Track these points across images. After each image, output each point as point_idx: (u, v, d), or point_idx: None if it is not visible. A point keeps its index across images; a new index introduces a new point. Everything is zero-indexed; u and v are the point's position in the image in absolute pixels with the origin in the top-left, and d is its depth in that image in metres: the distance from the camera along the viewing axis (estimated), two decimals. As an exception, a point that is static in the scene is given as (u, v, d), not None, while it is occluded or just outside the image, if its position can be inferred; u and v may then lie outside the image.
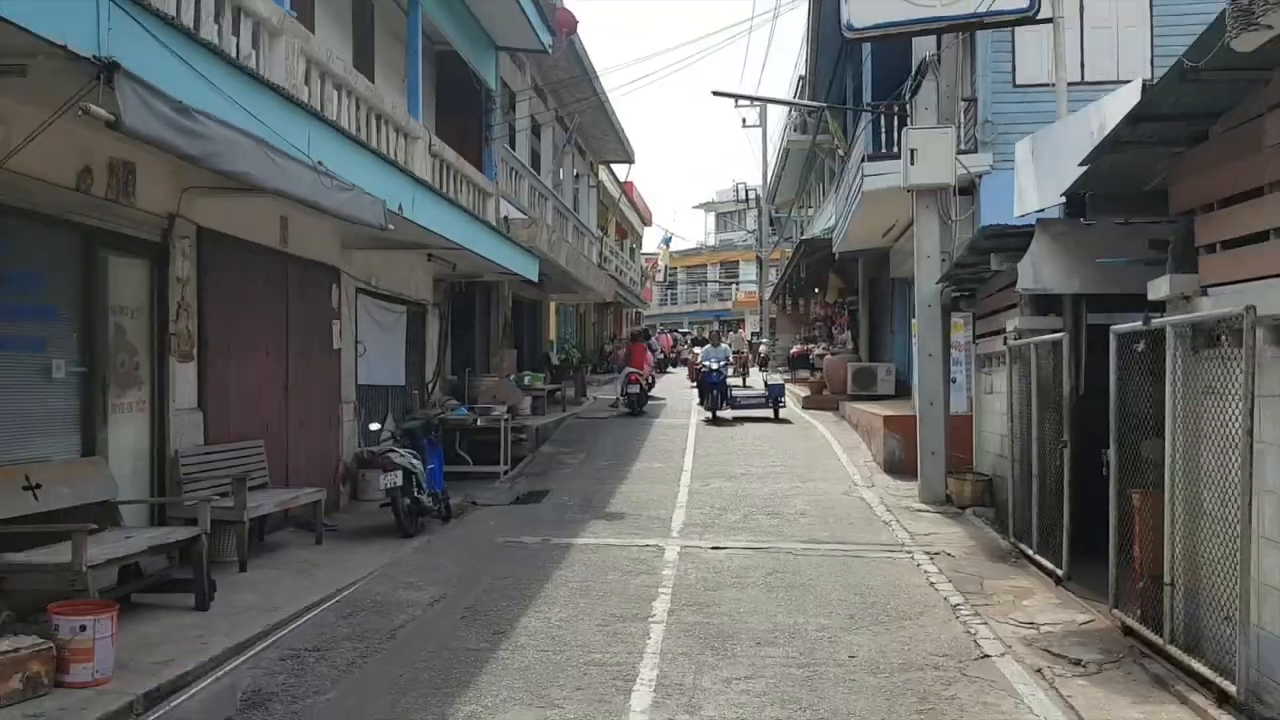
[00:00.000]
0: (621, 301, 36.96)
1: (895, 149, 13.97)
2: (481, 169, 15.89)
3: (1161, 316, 6.33)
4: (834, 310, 28.35)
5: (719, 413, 19.70)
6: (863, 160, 14.79)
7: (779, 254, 41.09)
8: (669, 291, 69.84)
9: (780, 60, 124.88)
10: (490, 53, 16.02)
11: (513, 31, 15.68)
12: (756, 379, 27.18)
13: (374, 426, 11.57)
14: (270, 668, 6.36)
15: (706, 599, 8.08)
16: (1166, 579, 6.21)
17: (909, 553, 9.86)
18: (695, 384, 21.78)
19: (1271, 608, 5.21)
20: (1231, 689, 5.35)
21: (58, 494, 6.79)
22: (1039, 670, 6.37)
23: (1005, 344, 10.19)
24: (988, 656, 6.69)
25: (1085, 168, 6.76)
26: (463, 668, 6.36)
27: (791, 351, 30.91)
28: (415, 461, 10.81)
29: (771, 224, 42.72)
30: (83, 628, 5.46)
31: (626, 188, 36.88)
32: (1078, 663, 6.50)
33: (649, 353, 25.93)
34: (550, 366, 23.56)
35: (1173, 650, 6.11)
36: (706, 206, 71.90)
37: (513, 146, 18.51)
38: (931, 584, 8.65)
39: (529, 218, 17.26)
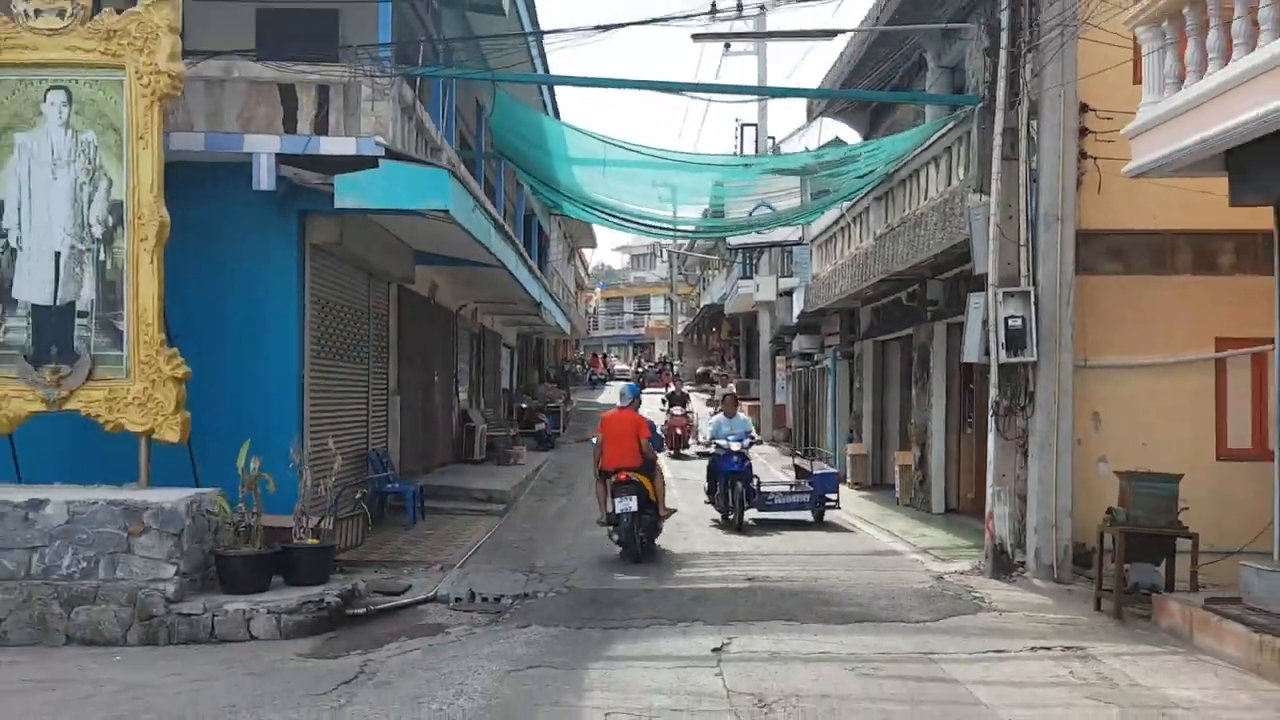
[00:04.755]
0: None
1: (751, 275, 29.37)
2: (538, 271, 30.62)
3: (816, 364, 21.68)
4: (725, 344, 43.98)
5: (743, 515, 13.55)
6: (738, 279, 30.18)
7: (687, 290, 57.10)
8: (590, 318, 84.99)
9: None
10: (549, 217, 30.84)
11: (561, 207, 30.54)
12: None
13: (523, 405, 26.28)
14: (550, 471, 20.98)
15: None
16: (817, 447, 21.54)
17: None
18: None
19: (840, 450, 20.48)
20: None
21: (478, 426, 21.40)
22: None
23: (791, 371, 25.56)
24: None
25: (798, 320, 22.08)
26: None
27: (697, 370, 46.49)
28: (546, 419, 25.54)
29: (682, 274, 58.34)
30: (525, 448, 20.16)
31: (579, 255, 51.82)
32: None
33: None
34: (551, 379, 38.32)
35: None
36: (623, 249, 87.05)
37: (546, 257, 33.28)
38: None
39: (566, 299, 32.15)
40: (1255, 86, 7.23)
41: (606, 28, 9.56)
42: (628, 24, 12.28)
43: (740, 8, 20.33)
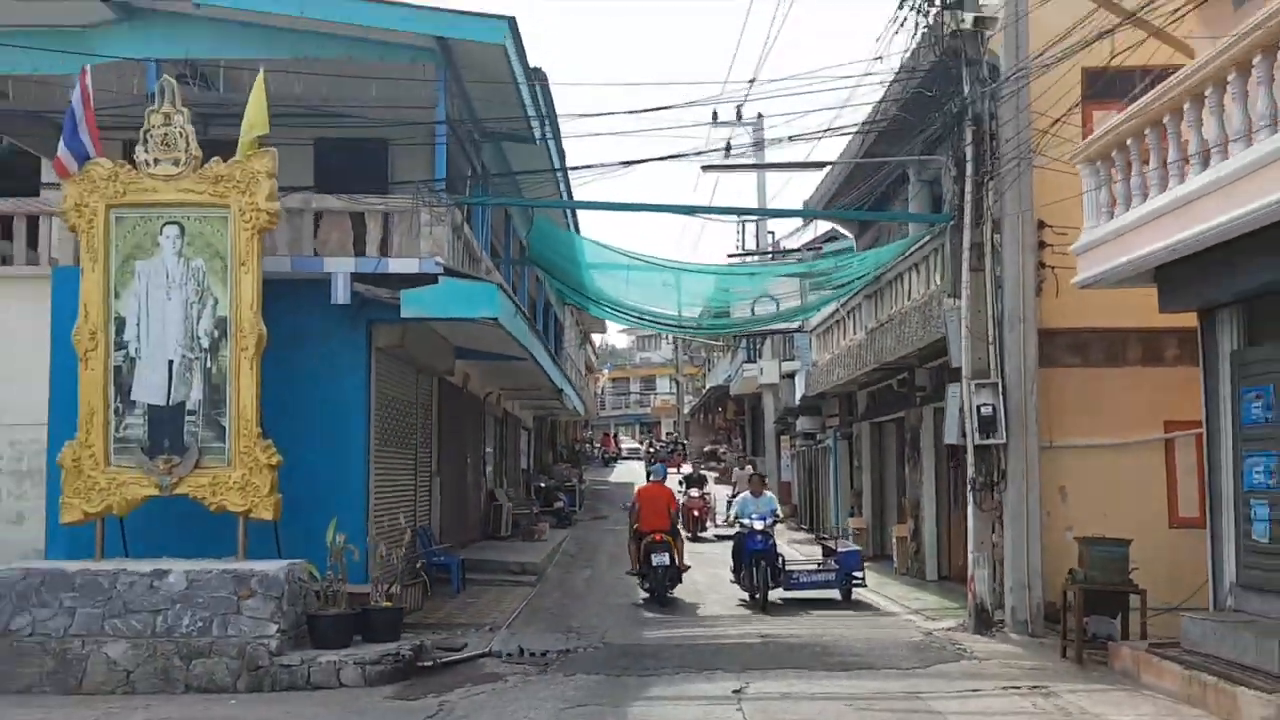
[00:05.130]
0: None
1: (755, 358, 31.05)
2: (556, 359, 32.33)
3: (818, 443, 23.20)
4: (731, 424, 45.53)
5: (768, 594, 13.83)
6: (743, 363, 31.87)
7: (692, 370, 58.95)
8: (598, 399, 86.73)
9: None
10: (563, 306, 32.66)
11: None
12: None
13: (541, 484, 27.73)
14: (571, 547, 22.37)
15: (690, 536, 24.47)
16: (823, 522, 22.93)
17: (759, 528, 26.46)
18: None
19: (843, 518, 21.89)
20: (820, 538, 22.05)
21: (504, 504, 22.85)
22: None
23: (795, 450, 27.06)
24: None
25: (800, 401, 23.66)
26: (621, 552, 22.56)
27: (704, 449, 47.97)
28: (564, 497, 26.96)
29: (687, 355, 60.23)
30: (559, 529, 21.57)
31: (589, 339, 53.67)
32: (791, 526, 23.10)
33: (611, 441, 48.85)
34: (565, 459, 39.79)
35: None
36: (629, 331, 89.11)
37: (561, 343, 35.03)
38: (765, 534, 25.21)
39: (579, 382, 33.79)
40: (1165, 222, 8.91)
41: (630, 163, 11.35)
42: (649, 160, 14.14)
43: (739, 116, 22.36)
